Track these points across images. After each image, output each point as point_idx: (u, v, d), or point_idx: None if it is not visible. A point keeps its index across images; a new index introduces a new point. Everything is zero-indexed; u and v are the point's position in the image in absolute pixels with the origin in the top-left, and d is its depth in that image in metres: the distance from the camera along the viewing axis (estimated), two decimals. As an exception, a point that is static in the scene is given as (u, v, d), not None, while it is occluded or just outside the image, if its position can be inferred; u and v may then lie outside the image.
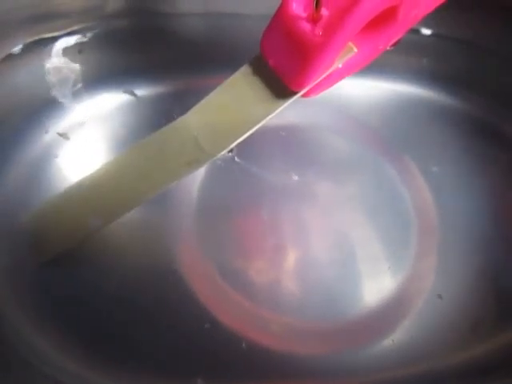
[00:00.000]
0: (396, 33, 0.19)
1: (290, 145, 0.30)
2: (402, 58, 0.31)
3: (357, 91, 0.31)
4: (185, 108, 0.20)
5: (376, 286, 0.26)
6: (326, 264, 0.26)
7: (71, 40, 0.27)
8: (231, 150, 0.20)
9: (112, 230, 0.25)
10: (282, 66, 0.18)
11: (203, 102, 0.20)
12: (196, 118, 0.20)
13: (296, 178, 0.28)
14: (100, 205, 0.21)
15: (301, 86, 0.18)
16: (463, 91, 0.31)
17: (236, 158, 0.28)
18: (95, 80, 0.28)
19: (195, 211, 0.27)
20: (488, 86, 0.31)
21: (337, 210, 0.28)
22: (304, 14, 0.17)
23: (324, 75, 0.18)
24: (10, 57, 0.26)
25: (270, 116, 0.19)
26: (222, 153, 0.20)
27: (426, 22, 0.21)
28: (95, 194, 0.21)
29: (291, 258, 0.26)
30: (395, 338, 0.25)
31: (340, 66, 0.19)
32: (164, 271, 0.25)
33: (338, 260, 0.26)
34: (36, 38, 0.26)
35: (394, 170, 0.29)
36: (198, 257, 0.26)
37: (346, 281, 0.26)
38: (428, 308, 0.25)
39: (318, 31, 0.17)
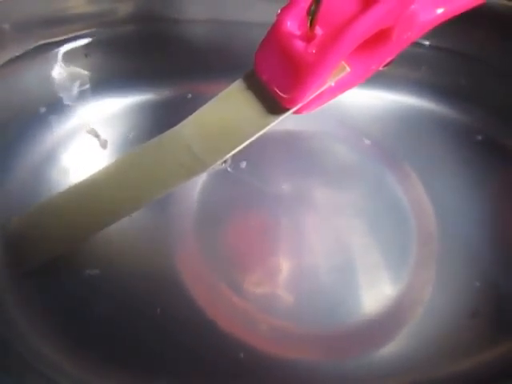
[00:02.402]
0: (389, 53, 0.20)
1: (291, 153, 0.30)
2: (403, 70, 0.31)
3: (358, 101, 0.31)
4: (189, 113, 0.20)
5: (375, 294, 0.26)
6: (325, 272, 0.26)
7: (78, 44, 0.27)
8: (225, 161, 0.20)
9: (114, 233, 0.25)
10: (275, 82, 0.18)
11: (197, 113, 0.20)
12: (189, 129, 0.20)
13: (297, 185, 0.29)
14: (91, 212, 0.21)
15: (293, 103, 0.18)
16: (463, 103, 0.31)
17: (229, 169, 0.28)
18: (101, 84, 0.29)
19: (195, 219, 0.27)
20: (488, 99, 0.31)
21: (337, 219, 0.28)
22: (298, 32, 0.17)
23: (316, 93, 0.18)
24: (17, 59, 0.26)
25: (262, 132, 0.19)
26: (216, 163, 0.20)
27: (427, 34, 0.21)
28: (87, 201, 0.21)
29: (291, 266, 0.26)
30: (394, 346, 0.25)
31: (332, 84, 0.19)
32: (164, 277, 0.25)
33: (338, 268, 0.26)
34: (44, 41, 0.26)
35: (395, 179, 0.29)
36: (198, 263, 0.26)
37: (345, 289, 0.26)
38: (426, 317, 0.25)
39: (312, 50, 0.17)
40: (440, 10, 0.19)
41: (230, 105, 0.19)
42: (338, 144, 0.31)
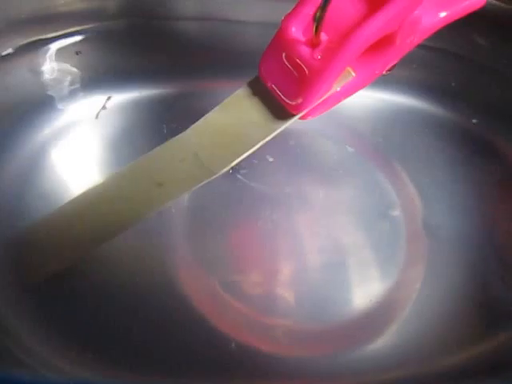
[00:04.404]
0: (393, 58, 0.20)
1: (281, 151, 0.30)
2: (395, 69, 0.31)
3: (348, 99, 0.31)
4: (180, 112, 0.20)
5: (364, 291, 0.26)
6: (315, 269, 0.26)
7: (68, 41, 0.27)
8: (232, 168, 0.20)
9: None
10: (281, 88, 0.18)
11: (202, 120, 0.20)
12: (195, 136, 0.20)
13: (288, 184, 0.29)
14: (96, 224, 0.21)
15: (299, 109, 0.18)
16: (455, 103, 0.32)
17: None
18: (91, 81, 0.29)
19: (190, 222, 0.27)
20: (479, 99, 0.31)
21: (328, 217, 0.28)
22: (303, 38, 0.17)
23: (322, 99, 0.18)
24: (7, 56, 0.26)
25: (268, 138, 0.19)
26: (223, 171, 0.20)
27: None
28: (91, 213, 0.21)
29: (282, 264, 0.26)
30: (383, 342, 0.25)
31: (338, 89, 0.19)
32: (160, 278, 0.25)
33: (328, 265, 0.26)
34: (34, 38, 0.26)
35: (385, 178, 0.30)
36: (194, 265, 0.26)
37: (335, 286, 0.26)
38: (415, 314, 0.26)
39: (317, 55, 0.17)
40: (443, 14, 0.19)
41: (235, 111, 0.19)
42: (328, 142, 0.31)
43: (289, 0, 0.18)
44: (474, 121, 0.31)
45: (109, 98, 0.28)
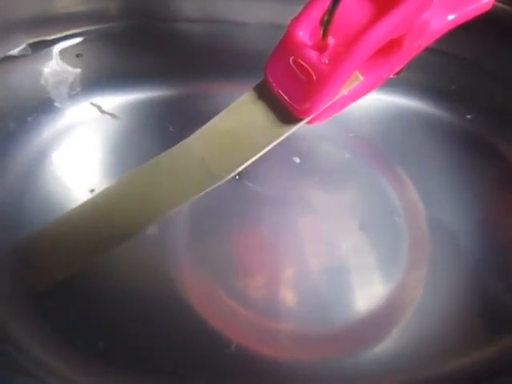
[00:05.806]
0: (400, 61, 0.20)
1: (282, 154, 0.30)
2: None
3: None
4: (182, 114, 0.20)
5: (367, 294, 0.26)
6: (318, 272, 0.26)
7: (69, 43, 0.27)
8: (238, 174, 0.20)
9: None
10: (288, 92, 0.18)
11: (208, 124, 0.20)
12: (202, 141, 0.20)
13: (289, 188, 0.29)
14: (101, 231, 0.20)
15: (306, 114, 0.18)
16: (456, 105, 0.32)
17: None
18: (93, 83, 0.29)
19: (193, 227, 0.27)
20: (480, 101, 0.31)
21: (329, 220, 0.28)
22: (310, 42, 0.17)
23: (329, 103, 0.18)
24: (9, 58, 0.25)
25: (275, 143, 0.19)
26: (229, 176, 0.19)
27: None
28: (96, 220, 0.21)
29: (285, 268, 0.26)
30: (385, 346, 0.25)
31: (346, 93, 0.19)
32: (165, 286, 0.25)
33: (331, 269, 0.26)
34: (34, 40, 0.26)
35: (386, 180, 0.30)
36: (199, 271, 0.26)
37: (338, 289, 0.26)
38: (417, 318, 0.25)
39: (325, 59, 0.17)
40: (451, 17, 0.19)
41: (241, 116, 0.19)
42: (328, 145, 0.31)
43: (292, 2, 0.18)
44: (469, 116, 0.31)
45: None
